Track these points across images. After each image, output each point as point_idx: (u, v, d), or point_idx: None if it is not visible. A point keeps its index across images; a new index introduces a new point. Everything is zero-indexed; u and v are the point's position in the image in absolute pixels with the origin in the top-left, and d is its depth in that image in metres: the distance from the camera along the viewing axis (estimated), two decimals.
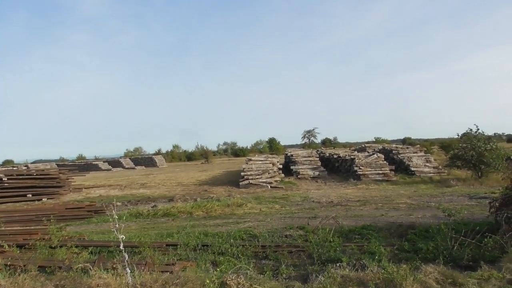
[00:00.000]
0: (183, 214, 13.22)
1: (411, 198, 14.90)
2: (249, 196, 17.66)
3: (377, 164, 23.24)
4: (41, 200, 20.47)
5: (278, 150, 68.10)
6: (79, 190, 24.18)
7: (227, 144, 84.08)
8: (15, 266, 5.26)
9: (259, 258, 7.45)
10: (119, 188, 25.14)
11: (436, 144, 50.97)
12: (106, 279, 4.19)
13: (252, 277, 4.66)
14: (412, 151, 26.35)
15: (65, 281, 4.42)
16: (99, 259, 6.45)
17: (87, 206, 15.34)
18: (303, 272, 6.10)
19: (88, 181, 30.87)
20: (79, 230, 11.36)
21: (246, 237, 9.03)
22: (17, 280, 4.46)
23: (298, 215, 12.01)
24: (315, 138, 77.36)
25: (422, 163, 24.08)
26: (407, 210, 12.25)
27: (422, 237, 8.08)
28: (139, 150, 79.11)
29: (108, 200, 17.41)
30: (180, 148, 79.01)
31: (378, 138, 68.21)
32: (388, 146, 31.04)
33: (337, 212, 12.04)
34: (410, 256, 6.84)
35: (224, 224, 11.01)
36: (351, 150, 32.83)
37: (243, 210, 13.61)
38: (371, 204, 13.80)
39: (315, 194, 17.69)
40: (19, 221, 12.94)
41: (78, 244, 7.39)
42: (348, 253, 7.18)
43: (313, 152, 29.58)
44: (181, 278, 4.33)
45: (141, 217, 13.18)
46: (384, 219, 10.73)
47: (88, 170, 46.58)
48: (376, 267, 5.06)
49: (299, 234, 9.08)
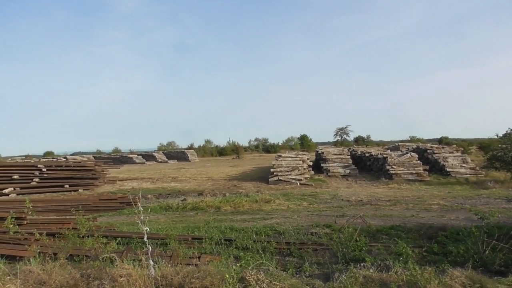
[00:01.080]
0: (212, 209, 13.39)
1: (445, 199, 14.44)
2: (278, 192, 17.65)
3: (410, 163, 22.66)
4: (77, 191, 21.27)
5: (310, 147, 67.44)
6: (113, 182, 24.94)
7: (259, 140, 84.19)
8: (46, 253, 5.49)
9: (283, 255, 7.44)
10: (151, 181, 25.72)
11: (475, 144, 49.13)
12: (128, 269, 4.29)
13: (273, 274, 4.65)
14: (448, 151, 25.53)
15: (91, 270, 4.57)
16: (127, 250, 6.63)
17: (119, 197, 15.81)
18: (326, 271, 6.03)
19: (122, 173, 31.77)
20: (111, 221, 11.72)
21: (271, 233, 9.04)
22: (47, 268, 4.64)
23: (325, 213, 11.89)
24: (347, 135, 76.05)
25: (458, 163, 23.29)
26: (439, 211, 11.89)
27: (453, 239, 7.81)
28: (172, 144, 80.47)
29: (139, 192, 17.85)
30: (212, 143, 79.87)
31: (413, 137, 66.23)
32: (423, 145, 30.18)
33: (366, 211, 11.85)
34: (439, 258, 6.63)
35: (251, 220, 11.06)
36: (383, 149, 32.16)
37: (270, 206, 13.63)
38: (402, 204, 13.48)
39: (344, 192, 17.46)
40: (55, 210, 13.51)
41: (107, 235, 7.64)
42: (374, 253, 7.04)
43: (344, 150, 29.16)
44: (201, 271, 4.38)
45: (171, 210, 13.45)
46: (414, 219, 10.46)
47: (122, 163, 47.92)
48: (400, 269, 4.93)
49: (325, 232, 8.99)
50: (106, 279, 4.38)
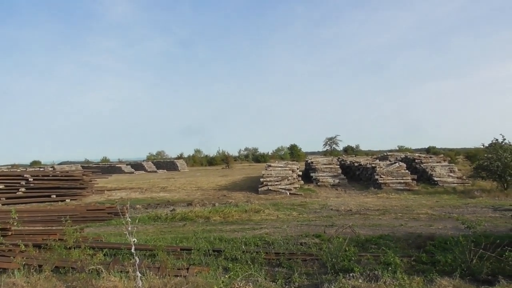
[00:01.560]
0: (201, 219, 13.29)
1: (433, 208, 14.55)
2: (268, 202, 17.61)
3: (399, 173, 22.84)
4: (65, 201, 20.95)
5: (299, 156, 67.70)
6: (101, 192, 24.66)
7: (248, 149, 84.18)
8: (32, 265, 5.39)
9: (273, 265, 7.40)
10: (140, 191, 25.49)
11: (462, 154, 49.83)
12: (114, 282, 4.24)
13: (262, 285, 4.64)
14: (435, 160, 25.80)
15: (77, 282, 4.50)
16: (114, 261, 6.54)
17: (107, 208, 15.60)
18: (315, 281, 6.02)
19: (110, 183, 31.43)
20: (98, 231, 11.56)
21: (261, 243, 9.00)
22: (31, 280, 4.56)
23: (315, 223, 11.89)
24: (337, 145, 76.53)
25: (446, 173, 23.54)
26: (428, 220, 11.97)
27: (441, 248, 7.87)
28: (161, 154, 79.98)
29: (126, 202, 17.66)
30: (201, 152, 79.63)
31: (402, 147, 66.92)
32: (411, 155, 30.45)
33: (355, 221, 11.89)
34: (427, 268, 6.66)
35: (240, 230, 11.01)
36: (372, 158, 32.42)
37: (260, 216, 13.59)
38: (391, 213, 13.55)
39: (334, 202, 17.50)
40: (41, 221, 13.27)
41: (94, 246, 7.52)
42: (363, 263, 7.04)
43: (333, 160, 29.33)
44: (190, 283, 4.34)
45: (159, 221, 13.32)
46: (403, 229, 10.51)
47: (111, 173, 47.49)
48: (389, 279, 4.96)
49: (315, 242, 8.97)
50: None
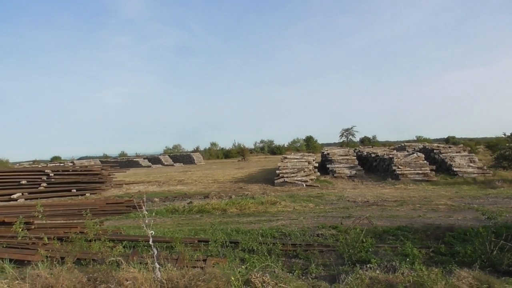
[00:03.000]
0: (218, 211, 13.40)
1: (452, 199, 14.34)
2: (284, 194, 17.62)
3: (417, 163, 22.53)
4: (84, 195, 21.39)
5: (315, 148, 67.35)
6: (119, 186, 25.07)
7: (264, 142, 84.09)
8: (54, 257, 5.53)
9: (289, 256, 7.42)
10: (158, 184, 25.81)
11: (482, 144, 48.79)
12: (134, 273, 4.32)
13: (278, 276, 4.65)
14: (455, 150, 25.34)
15: (98, 273, 4.60)
16: (133, 253, 6.66)
17: (126, 201, 15.87)
18: (332, 272, 6.02)
19: (128, 177, 31.92)
20: (118, 224, 11.76)
21: (277, 235, 9.02)
22: (54, 272, 4.68)
23: (331, 214, 11.86)
24: (353, 136, 75.82)
25: (466, 163, 23.12)
26: (447, 211, 11.81)
27: (461, 240, 7.75)
28: (178, 147, 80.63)
29: (144, 196, 17.91)
30: (217, 145, 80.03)
31: (420, 137, 65.84)
32: (429, 145, 30.01)
33: (372, 212, 11.80)
34: (446, 259, 6.58)
35: (257, 222, 11.05)
36: (389, 149, 32.06)
37: (276, 208, 13.62)
38: (409, 204, 13.41)
39: (350, 193, 17.41)
40: (63, 215, 13.59)
41: (113, 238, 7.66)
42: (380, 254, 7.00)
43: (350, 151, 29.08)
44: (207, 274, 4.39)
45: (177, 213, 13.48)
46: (421, 220, 10.39)
47: (129, 167, 48.18)
48: (407, 270, 4.91)
49: (331, 233, 8.96)
50: (113, 282, 4.40)
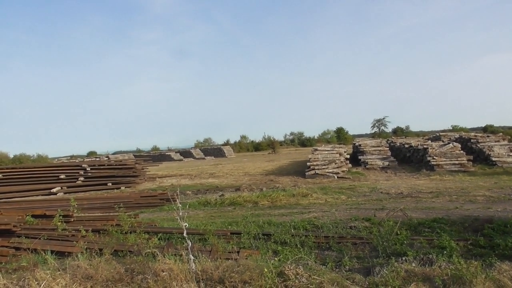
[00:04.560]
0: (249, 203, 13.48)
1: (491, 190, 13.83)
2: (315, 186, 17.52)
3: (453, 153, 21.83)
4: (120, 189, 22.02)
5: (346, 139, 66.40)
6: (153, 180, 25.64)
7: (294, 134, 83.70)
8: (93, 249, 5.74)
9: (322, 249, 7.39)
10: (190, 177, 26.22)
11: None
12: (170, 264, 4.42)
13: (312, 268, 4.63)
14: (493, 139, 24.38)
15: (135, 265, 4.74)
16: (168, 245, 6.81)
17: (159, 194, 16.21)
18: (366, 265, 5.95)
19: (161, 171, 32.57)
20: (152, 217, 12.05)
21: (309, 227, 8.99)
22: (93, 263, 4.86)
23: (364, 207, 11.70)
24: (385, 127, 74.38)
25: (505, 152, 22.20)
26: (485, 203, 11.41)
27: (501, 232, 7.47)
28: (208, 141, 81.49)
29: (177, 189, 18.22)
30: (247, 138, 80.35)
31: (456, 126, 63.66)
32: (466, 134, 28.98)
33: (406, 204, 11.56)
34: (486, 252, 6.37)
35: (289, 214, 11.05)
36: (424, 139, 31.22)
37: (308, 200, 13.57)
38: (445, 196, 13.04)
39: (383, 185, 17.10)
40: (100, 208, 14.05)
41: (148, 230, 7.87)
42: (416, 247, 6.85)
43: (382, 142, 28.53)
44: (241, 266, 4.43)
45: (209, 206, 13.66)
46: (458, 212, 10.09)
47: (161, 161, 49.20)
48: (444, 263, 4.79)
49: (365, 226, 8.84)
50: (149, 273, 4.52)
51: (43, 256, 6.21)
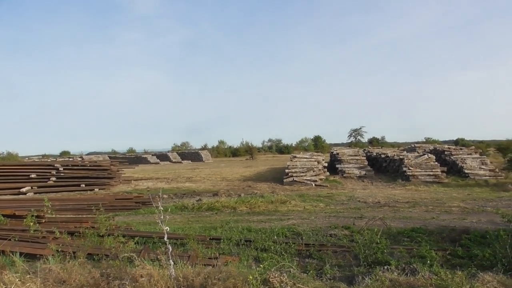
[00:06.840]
0: (227, 209, 13.31)
1: (465, 201, 14.12)
2: (293, 193, 17.50)
3: (428, 165, 22.27)
4: (93, 190, 21.44)
5: (323, 148, 67.04)
6: (128, 182, 25.09)
7: (272, 141, 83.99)
8: (65, 252, 5.47)
9: (303, 256, 7.30)
10: (166, 181, 25.80)
11: (492, 146, 48.20)
12: (149, 270, 4.23)
13: (296, 276, 4.54)
14: (466, 152, 25.01)
15: (111, 269, 4.52)
16: (145, 249, 6.58)
17: (135, 197, 15.86)
18: (348, 273, 5.90)
19: (137, 173, 31.94)
20: (127, 220, 11.72)
21: (289, 234, 8.91)
22: (66, 267, 4.61)
23: (343, 215, 11.71)
24: (361, 137, 75.53)
25: (477, 165, 22.81)
26: (460, 214, 11.61)
27: (477, 243, 7.57)
28: (186, 144, 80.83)
29: (155, 192, 17.87)
30: (225, 143, 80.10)
31: (429, 139, 65.25)
32: (440, 146, 29.67)
33: (384, 213, 11.65)
34: (464, 262, 6.42)
35: (268, 221, 10.94)
36: (400, 150, 31.75)
37: (286, 207, 13.50)
38: (421, 206, 13.22)
39: (361, 193, 17.23)
40: (72, 209, 13.58)
41: (125, 234, 7.59)
42: (396, 256, 6.85)
43: (359, 151, 28.88)
44: (223, 273, 4.29)
45: (186, 210, 13.42)
46: (435, 222, 10.22)
47: (137, 163, 48.28)
48: (427, 272, 4.78)
49: (344, 234, 8.83)
50: (127, 279, 4.32)
51: (11, 258, 5.89)
